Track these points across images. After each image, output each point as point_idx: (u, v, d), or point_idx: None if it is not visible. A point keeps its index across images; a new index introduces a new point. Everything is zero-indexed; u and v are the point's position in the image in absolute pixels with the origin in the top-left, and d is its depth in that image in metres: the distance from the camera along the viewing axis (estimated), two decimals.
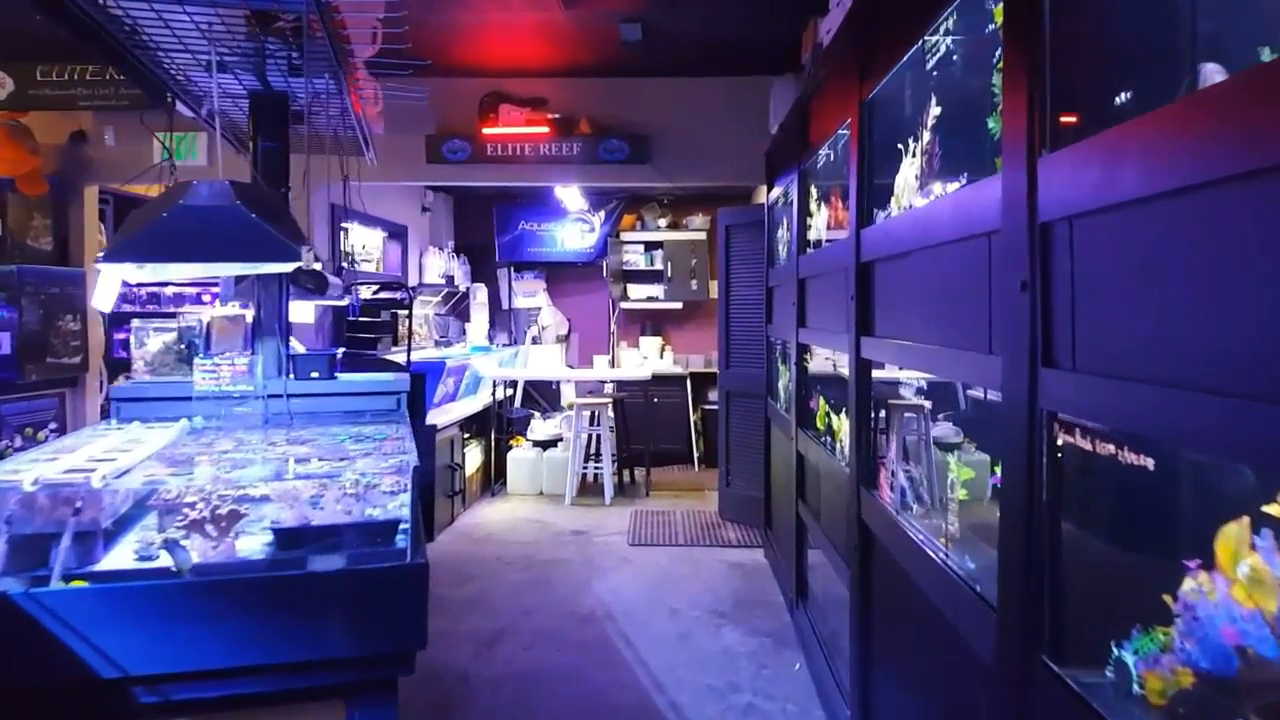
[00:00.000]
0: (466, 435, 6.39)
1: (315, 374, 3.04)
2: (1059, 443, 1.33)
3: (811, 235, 3.59)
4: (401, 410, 3.11)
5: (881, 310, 2.43)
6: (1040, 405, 1.35)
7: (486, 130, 4.91)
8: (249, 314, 3.09)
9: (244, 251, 2.17)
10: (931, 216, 1.87)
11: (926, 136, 2.00)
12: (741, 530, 5.56)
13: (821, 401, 3.36)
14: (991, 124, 1.61)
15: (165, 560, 2.05)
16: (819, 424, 3.38)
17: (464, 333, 7.81)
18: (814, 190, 3.59)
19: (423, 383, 5.46)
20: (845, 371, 3.13)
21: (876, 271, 2.47)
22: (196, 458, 2.43)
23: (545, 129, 4.89)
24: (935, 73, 1.99)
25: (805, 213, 3.78)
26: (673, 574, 4.69)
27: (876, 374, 3.22)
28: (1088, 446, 1.24)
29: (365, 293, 5.54)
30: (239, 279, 3.23)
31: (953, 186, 1.84)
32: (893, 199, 2.28)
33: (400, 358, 5.39)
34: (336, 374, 3.18)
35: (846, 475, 2.74)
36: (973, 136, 1.73)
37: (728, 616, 4.04)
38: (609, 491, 6.39)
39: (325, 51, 2.59)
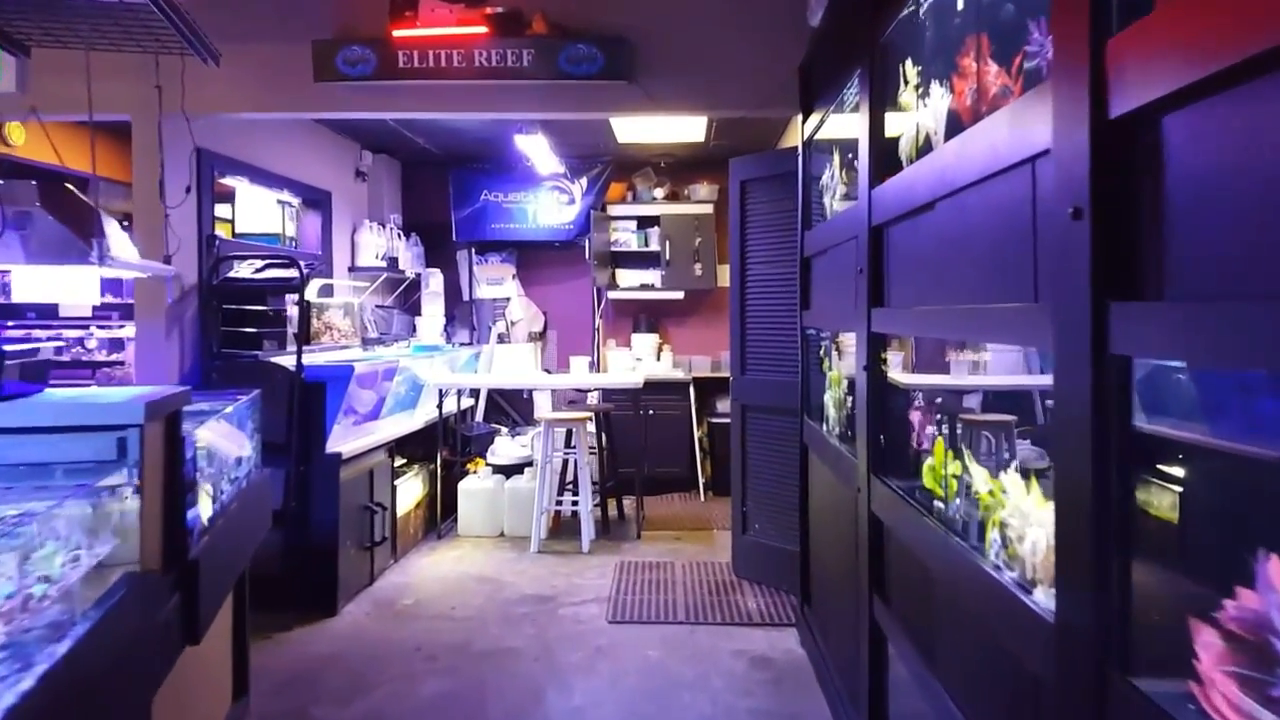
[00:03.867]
0: (402, 462, 4.89)
1: None
2: None
3: (903, 150, 2.08)
4: (129, 461, 1.60)
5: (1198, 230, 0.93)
6: None
7: (399, 33, 3.42)
8: None
9: None
10: None
11: None
12: (765, 596, 4.05)
13: (940, 442, 1.84)
14: None
15: None
16: (930, 479, 1.87)
17: (414, 329, 6.32)
18: (909, 72, 2.07)
19: (321, 396, 3.98)
20: (973, 380, 1.65)
21: (1169, 134, 0.97)
22: None
23: (483, 29, 3.39)
24: None
25: (882, 120, 2.28)
26: (668, 678, 3.17)
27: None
28: None
29: (244, 271, 4.06)
30: None
31: None
32: None
33: (304, 359, 3.90)
34: (13, 393, 1.67)
35: (1029, 614, 1.23)
36: None
37: None
38: (587, 534, 4.88)
39: None
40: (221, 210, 6.02)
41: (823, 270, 3.22)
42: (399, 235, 6.17)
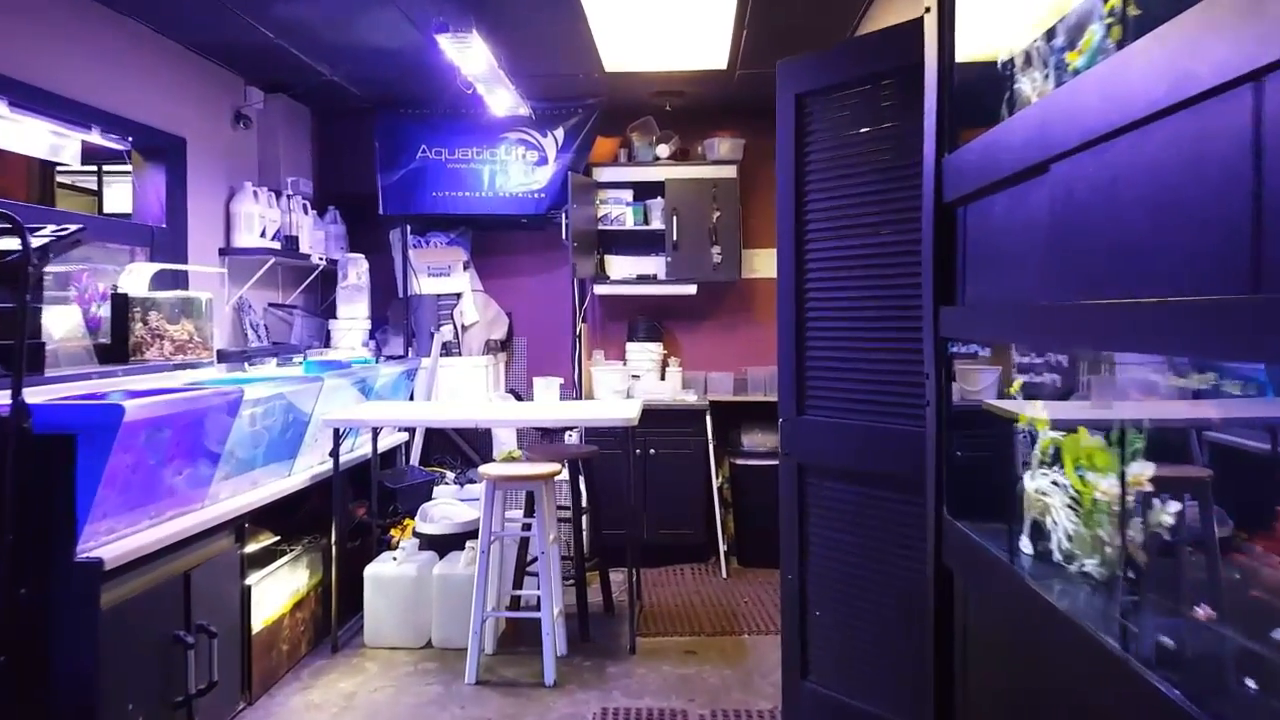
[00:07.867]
0: (269, 542, 3.22)
1: None
2: None
3: None
4: None
5: None
6: None
7: None
8: None
9: None
10: None
11: None
12: None
13: None
14: None
15: None
16: None
17: (328, 338, 4.64)
18: None
19: (67, 458, 2.25)
20: None
21: None
22: None
23: None
24: None
25: None
26: None
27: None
28: None
29: None
30: None
31: None
32: None
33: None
34: None
35: None
36: None
37: None
38: (553, 650, 3.18)
39: None
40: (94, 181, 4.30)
41: (1019, 218, 1.51)
42: (304, 207, 4.49)
